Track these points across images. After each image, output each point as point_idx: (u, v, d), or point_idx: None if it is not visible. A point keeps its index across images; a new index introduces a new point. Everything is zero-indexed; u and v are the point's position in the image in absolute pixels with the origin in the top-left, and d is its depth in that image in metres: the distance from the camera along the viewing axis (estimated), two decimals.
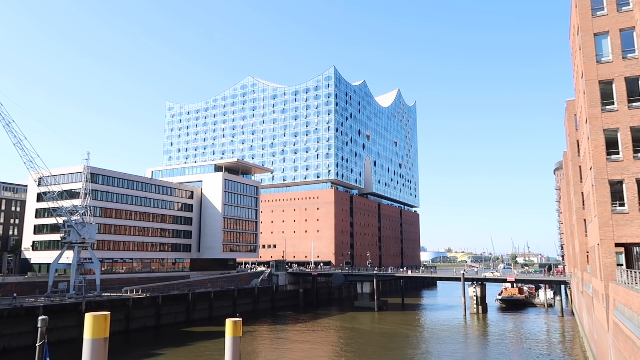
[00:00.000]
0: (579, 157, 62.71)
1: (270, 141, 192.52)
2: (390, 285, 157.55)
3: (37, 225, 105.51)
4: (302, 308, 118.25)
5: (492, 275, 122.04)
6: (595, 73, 35.30)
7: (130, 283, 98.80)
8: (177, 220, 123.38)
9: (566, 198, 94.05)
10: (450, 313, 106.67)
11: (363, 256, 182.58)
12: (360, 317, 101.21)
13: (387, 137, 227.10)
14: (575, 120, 67.02)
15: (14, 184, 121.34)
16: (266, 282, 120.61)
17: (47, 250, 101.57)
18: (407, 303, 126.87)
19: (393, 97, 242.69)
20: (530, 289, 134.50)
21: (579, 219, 65.44)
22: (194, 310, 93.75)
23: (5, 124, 76.73)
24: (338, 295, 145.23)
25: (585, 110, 37.11)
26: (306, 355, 64.11)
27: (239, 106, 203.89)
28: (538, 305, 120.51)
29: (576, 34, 41.38)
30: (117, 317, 76.51)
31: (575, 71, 47.88)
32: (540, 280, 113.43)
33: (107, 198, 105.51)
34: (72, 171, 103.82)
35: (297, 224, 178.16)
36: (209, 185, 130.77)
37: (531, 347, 67.78)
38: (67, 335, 69.01)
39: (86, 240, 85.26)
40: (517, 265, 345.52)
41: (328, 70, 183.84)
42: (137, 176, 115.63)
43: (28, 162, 78.94)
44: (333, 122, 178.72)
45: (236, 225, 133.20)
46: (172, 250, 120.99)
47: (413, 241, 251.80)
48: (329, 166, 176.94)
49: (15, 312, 65.17)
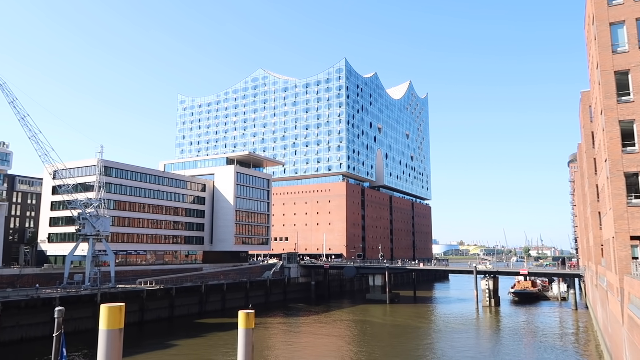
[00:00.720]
0: (593, 149, 61.86)
1: (281, 134, 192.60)
2: (402, 278, 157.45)
3: (53, 218, 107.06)
4: (314, 300, 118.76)
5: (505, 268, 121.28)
6: (611, 63, 34.71)
7: (144, 275, 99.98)
8: (190, 213, 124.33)
9: (580, 191, 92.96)
10: (463, 306, 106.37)
11: (375, 249, 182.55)
12: (372, 309, 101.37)
13: (399, 129, 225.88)
14: (590, 111, 66.02)
15: (30, 177, 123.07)
16: (278, 274, 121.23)
17: (63, 242, 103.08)
18: (419, 296, 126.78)
19: (405, 89, 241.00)
20: (544, 282, 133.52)
21: (594, 212, 64.68)
22: (206, 302, 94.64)
23: (21, 118, 77.74)
24: (350, 288, 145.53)
25: (601, 101, 36.54)
26: (318, 347, 64.49)
27: (250, 99, 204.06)
28: (551, 299, 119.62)
29: (591, 23, 40.67)
30: (131, 308, 77.50)
31: (590, 62, 47.11)
32: (554, 273, 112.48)
33: (120, 191, 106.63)
34: (86, 164, 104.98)
35: (308, 217, 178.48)
36: (221, 178, 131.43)
37: (544, 341, 67.41)
38: (83, 326, 70.18)
39: (100, 233, 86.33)
40: (530, 258, 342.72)
41: (339, 62, 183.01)
42: (150, 169, 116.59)
43: (43, 155, 79.96)
44: (344, 115, 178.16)
45: (248, 218, 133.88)
46: (185, 243, 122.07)
47: (425, 234, 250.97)
48: (341, 159, 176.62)
49: (33, 303, 66.36)
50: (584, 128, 69.04)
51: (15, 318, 63.08)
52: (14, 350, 59.14)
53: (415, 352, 61.42)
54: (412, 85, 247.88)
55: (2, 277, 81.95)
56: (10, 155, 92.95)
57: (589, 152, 66.07)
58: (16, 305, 64.34)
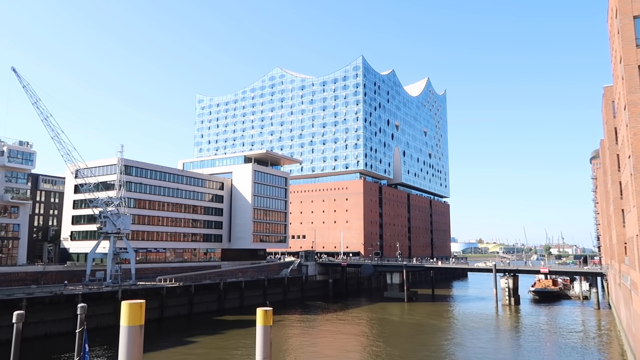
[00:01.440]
0: (616, 145, 60.57)
1: (299, 132, 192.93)
2: (420, 276, 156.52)
3: (75, 216, 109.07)
4: (332, 298, 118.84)
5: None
6: (635, 57, 33.90)
7: (163, 272, 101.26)
8: (208, 211, 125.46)
9: (603, 188, 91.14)
10: (482, 305, 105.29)
11: (392, 247, 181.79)
12: (390, 307, 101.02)
13: (417, 126, 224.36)
14: (613, 107, 64.58)
15: (53, 177, 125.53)
16: (296, 272, 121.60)
17: (85, 240, 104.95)
18: (437, 294, 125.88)
19: (422, 86, 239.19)
20: (565, 280, 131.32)
21: (617, 209, 63.32)
22: (225, 299, 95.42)
23: (44, 118, 79.29)
24: (367, 286, 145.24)
25: (624, 96, 35.74)
26: (336, 345, 64.53)
27: (267, 98, 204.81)
28: (573, 298, 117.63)
29: (614, 17, 39.79)
30: (151, 305, 78.58)
31: (613, 56, 46.12)
32: (575, 272, 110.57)
33: (140, 189, 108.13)
34: (107, 163, 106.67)
35: (326, 215, 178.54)
36: (239, 177, 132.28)
37: (566, 341, 66.34)
38: (105, 322, 71.37)
39: (121, 231, 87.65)
40: (551, 256, 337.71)
41: (356, 60, 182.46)
42: (169, 168, 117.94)
43: (65, 155, 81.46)
44: (362, 113, 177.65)
45: (266, 216, 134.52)
46: (203, 241, 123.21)
47: (443, 232, 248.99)
48: (358, 157, 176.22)
49: (56, 300, 67.76)
50: (607, 124, 67.61)
51: (39, 314, 64.49)
52: (38, 345, 60.49)
53: (435, 350, 61.02)
54: (430, 82, 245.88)
55: (27, 274, 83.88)
56: (34, 155, 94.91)
57: (611, 148, 64.69)
58: (40, 302, 65.78)
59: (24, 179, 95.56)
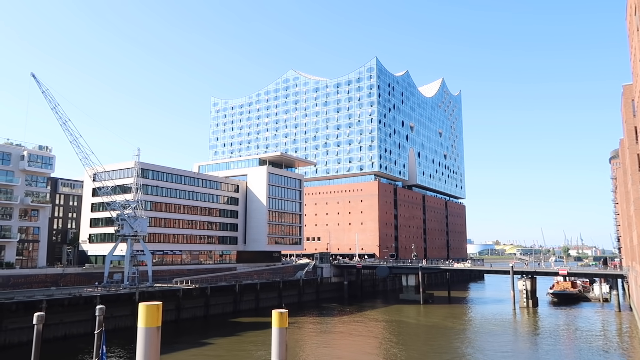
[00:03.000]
0: (637, 144, 59.45)
1: (313, 134, 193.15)
2: (435, 278, 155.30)
3: (93, 219, 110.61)
4: (347, 300, 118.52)
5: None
6: None
7: (180, 274, 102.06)
8: (224, 214, 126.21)
9: (623, 188, 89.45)
10: (499, 307, 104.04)
11: (408, 248, 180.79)
12: (406, 310, 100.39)
13: (432, 127, 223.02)
14: (632, 105, 63.44)
15: (72, 180, 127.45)
16: (311, 274, 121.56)
17: (103, 242, 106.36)
18: (454, 296, 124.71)
19: (437, 86, 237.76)
20: (585, 282, 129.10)
21: (637, 210, 62.11)
22: (241, 301, 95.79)
23: (62, 123, 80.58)
24: (383, 288, 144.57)
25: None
26: (352, 347, 64.32)
27: (281, 100, 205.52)
28: (593, 300, 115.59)
29: (634, 14, 39.06)
30: (168, 307, 79.18)
31: (633, 54, 45.27)
32: (595, 273, 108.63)
33: (157, 192, 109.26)
34: (124, 167, 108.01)
35: (340, 217, 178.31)
36: (254, 179, 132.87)
37: (586, 343, 65.19)
38: (122, 324, 72.12)
39: (138, 233, 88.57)
40: (570, 258, 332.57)
41: (370, 61, 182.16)
42: (185, 171, 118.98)
43: (84, 159, 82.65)
44: (376, 114, 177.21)
45: (281, 218, 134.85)
46: (219, 243, 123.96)
47: (459, 233, 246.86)
48: (372, 158, 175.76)
49: (75, 302, 68.66)
50: (627, 123, 66.39)
51: (58, 316, 65.41)
52: (58, 347, 61.35)
53: (452, 352, 60.45)
54: (445, 83, 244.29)
55: (46, 276, 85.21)
56: (53, 159, 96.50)
57: (632, 147, 63.49)
58: (60, 304, 66.72)
59: (44, 183, 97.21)
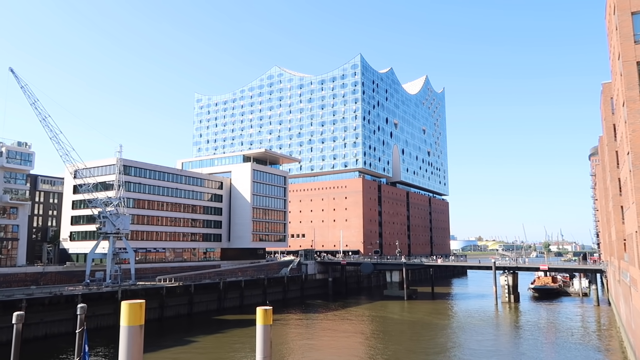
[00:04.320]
0: (615, 141, 60.62)
1: (297, 131, 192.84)
2: (419, 274, 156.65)
3: (74, 217, 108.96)
4: (331, 297, 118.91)
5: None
6: (633, 54, 33.90)
7: (163, 272, 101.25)
8: (208, 211, 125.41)
9: (602, 184, 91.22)
10: (481, 302, 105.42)
11: (392, 245, 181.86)
12: (390, 306, 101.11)
13: (415, 124, 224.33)
14: (611, 103, 64.60)
15: (52, 177, 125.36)
16: (295, 271, 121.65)
17: (84, 240, 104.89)
18: (437, 292, 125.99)
19: (421, 84, 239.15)
20: (565, 277, 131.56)
21: (616, 206, 63.38)
22: (225, 298, 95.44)
23: (42, 119, 79.13)
24: (367, 284, 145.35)
25: (623, 92, 35.74)
26: (336, 344, 64.57)
27: (266, 97, 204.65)
28: (573, 295, 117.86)
29: (612, 13, 39.76)
30: (151, 305, 78.59)
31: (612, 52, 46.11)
32: (575, 268, 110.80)
33: (139, 189, 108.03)
34: (106, 164, 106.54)
35: (325, 214, 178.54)
36: (238, 176, 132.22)
37: (566, 337, 66.45)
38: (105, 323, 71.36)
39: (120, 231, 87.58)
40: (551, 253, 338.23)
41: (354, 58, 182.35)
42: (168, 167, 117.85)
43: (64, 155, 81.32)
44: (360, 111, 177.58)
45: (265, 215, 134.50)
46: (203, 240, 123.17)
47: (442, 230, 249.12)
48: (357, 155, 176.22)
49: (56, 300, 67.72)
50: (606, 120, 67.65)
51: (39, 315, 64.44)
52: (38, 346, 60.45)
53: (434, 348, 61.09)
54: (429, 80, 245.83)
55: (26, 274, 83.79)
56: (32, 156, 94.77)
57: (610, 144, 64.74)
58: (40, 303, 65.73)
59: (23, 180, 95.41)
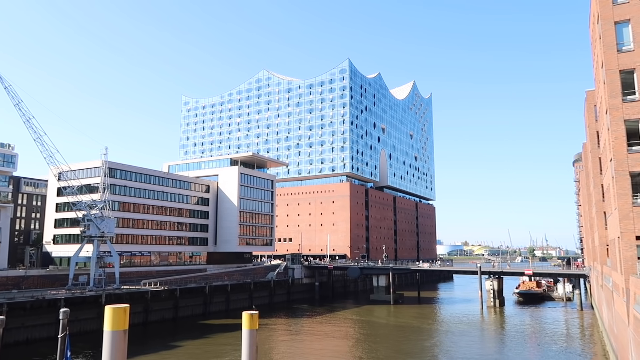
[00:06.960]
0: (599, 148, 61.61)
1: (285, 135, 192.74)
2: (406, 278, 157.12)
3: (58, 220, 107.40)
4: (318, 301, 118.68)
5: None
6: (616, 62, 34.52)
7: (148, 276, 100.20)
8: (194, 214, 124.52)
9: (585, 190, 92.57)
10: (467, 307, 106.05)
11: (379, 249, 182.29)
12: (376, 310, 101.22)
13: (403, 129, 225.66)
14: (595, 111, 65.70)
15: (35, 179, 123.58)
16: (282, 275, 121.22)
17: (68, 244, 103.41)
18: (424, 296, 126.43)
19: (408, 89, 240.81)
20: (549, 282, 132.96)
21: (599, 212, 64.35)
22: (211, 302, 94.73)
23: (26, 120, 78.01)
24: (354, 289, 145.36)
25: (606, 100, 36.35)
26: (322, 348, 64.41)
27: (254, 100, 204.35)
28: (556, 299, 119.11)
29: (596, 22, 40.47)
30: (136, 309, 77.65)
31: (595, 61, 46.90)
32: (559, 273, 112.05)
33: (125, 192, 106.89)
34: (91, 166, 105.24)
35: (312, 218, 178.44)
36: (225, 179, 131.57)
37: (549, 342, 67.11)
38: (88, 327, 70.33)
39: (105, 234, 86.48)
40: (535, 258, 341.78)
41: (343, 63, 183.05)
42: (154, 170, 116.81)
43: (48, 157, 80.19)
44: (348, 115, 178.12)
45: (252, 219, 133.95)
46: (189, 244, 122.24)
47: (429, 234, 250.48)
48: (344, 159, 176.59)
49: (38, 304, 66.60)
50: (589, 127, 68.74)
51: (20, 319, 63.30)
52: (19, 351, 59.34)
53: (420, 352, 61.27)
54: (416, 86, 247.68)
55: (7, 278, 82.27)
56: (15, 157, 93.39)
57: (594, 151, 65.79)
58: (21, 307, 64.60)
59: (5, 182, 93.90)
